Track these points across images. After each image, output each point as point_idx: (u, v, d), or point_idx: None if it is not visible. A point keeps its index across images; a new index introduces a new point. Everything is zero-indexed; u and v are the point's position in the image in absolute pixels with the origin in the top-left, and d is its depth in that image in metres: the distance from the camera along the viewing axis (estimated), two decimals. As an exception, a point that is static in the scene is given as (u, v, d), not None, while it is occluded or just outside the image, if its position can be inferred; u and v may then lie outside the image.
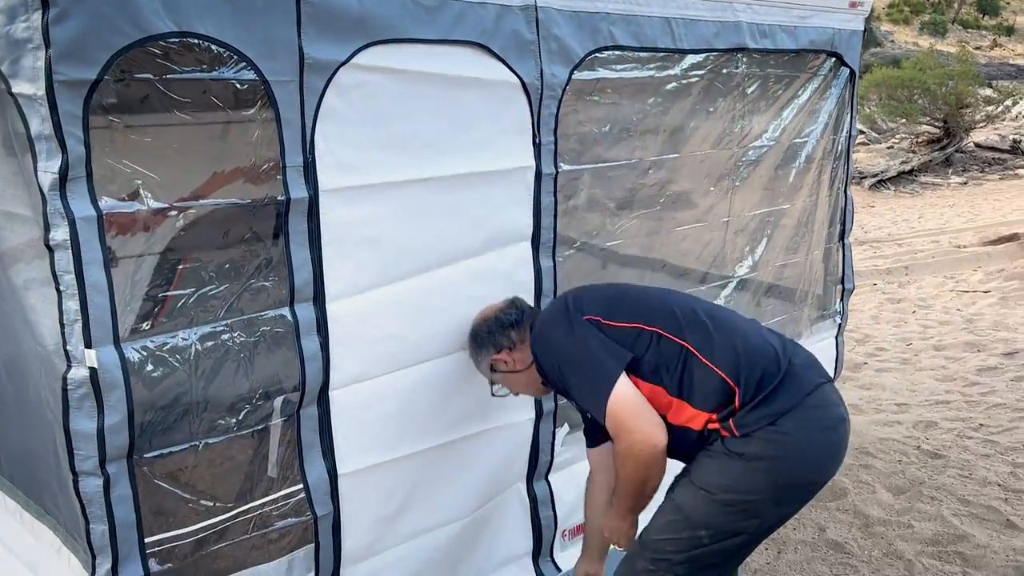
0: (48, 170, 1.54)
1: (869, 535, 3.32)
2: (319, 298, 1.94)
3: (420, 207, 2.12)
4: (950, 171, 15.71)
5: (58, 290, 1.60)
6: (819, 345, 4.11)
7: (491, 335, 2.17)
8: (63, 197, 1.55)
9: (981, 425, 4.38)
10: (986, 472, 3.81)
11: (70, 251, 1.57)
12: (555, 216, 2.42)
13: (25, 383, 1.97)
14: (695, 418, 1.95)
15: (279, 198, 1.82)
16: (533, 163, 2.35)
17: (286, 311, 1.89)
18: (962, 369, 5.31)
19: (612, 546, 2.24)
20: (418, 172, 2.10)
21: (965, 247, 8.98)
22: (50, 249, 1.58)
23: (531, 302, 2.45)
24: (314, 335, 1.93)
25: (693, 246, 3.12)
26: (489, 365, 2.18)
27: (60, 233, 1.56)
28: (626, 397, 1.89)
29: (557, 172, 2.41)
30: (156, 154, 1.67)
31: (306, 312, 1.92)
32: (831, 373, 4.26)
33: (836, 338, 4.31)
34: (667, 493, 2.06)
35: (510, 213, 2.34)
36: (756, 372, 1.94)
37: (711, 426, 1.94)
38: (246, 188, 1.79)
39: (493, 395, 2.24)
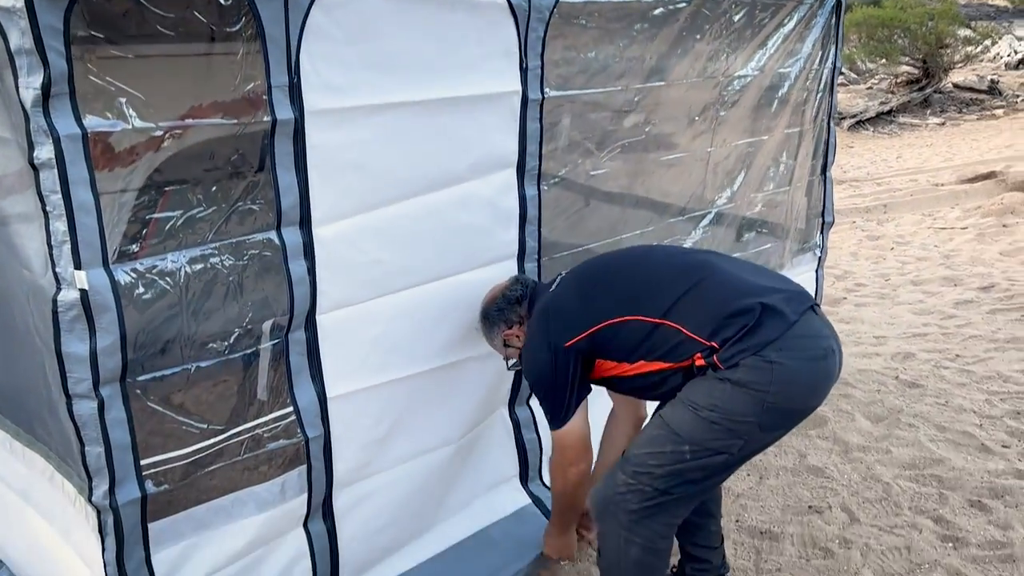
0: (30, 86, 1.50)
1: (848, 460, 3.40)
2: (306, 222, 1.93)
3: (406, 131, 2.10)
4: (928, 112, 15.72)
5: (44, 211, 1.58)
6: (800, 278, 4.14)
7: (501, 312, 2.26)
8: (46, 114, 1.52)
9: (957, 356, 4.47)
10: (962, 400, 3.89)
11: (55, 170, 1.54)
12: (540, 143, 2.40)
13: (11, 312, 1.96)
14: (676, 368, 2.02)
15: (265, 119, 1.80)
16: (520, 88, 2.33)
17: (273, 235, 1.88)
18: (939, 303, 5.38)
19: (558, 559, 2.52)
20: (404, 95, 2.07)
21: (943, 185, 9.04)
22: (35, 168, 1.55)
23: (515, 230, 2.46)
24: (301, 259, 1.93)
25: (677, 178, 3.12)
26: (502, 341, 2.28)
27: (45, 152, 1.53)
28: (573, 434, 2.14)
29: (543, 98, 2.39)
30: (140, 73, 1.63)
31: (293, 236, 1.91)
32: (811, 306, 4.34)
33: (816, 271, 4.36)
34: (654, 413, 2.10)
35: (496, 139, 2.33)
36: (734, 319, 1.96)
37: (698, 363, 1.98)
38: (232, 109, 1.76)
39: (509, 368, 2.37)
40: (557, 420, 2.13)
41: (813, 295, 4.29)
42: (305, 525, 2.12)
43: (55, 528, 2.09)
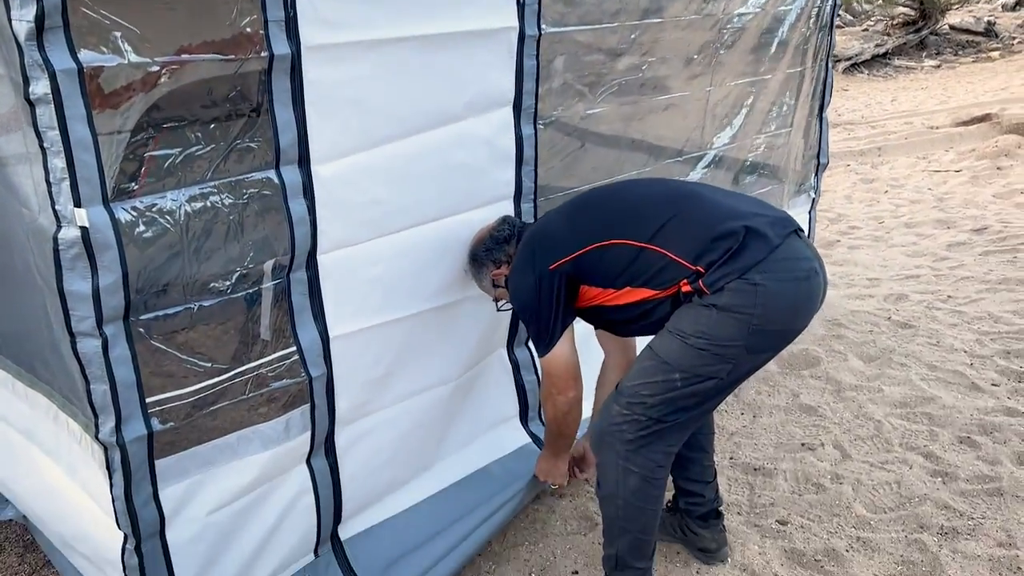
0: (23, 19, 1.47)
1: (841, 399, 3.45)
2: (304, 161, 1.91)
3: (402, 68, 2.07)
4: (924, 54, 15.57)
5: (42, 147, 1.56)
6: (795, 221, 4.16)
7: (489, 252, 2.27)
8: (41, 48, 1.49)
9: (949, 297, 4.51)
10: (953, 340, 3.94)
11: (52, 105, 1.52)
12: (537, 81, 2.38)
13: (9, 253, 1.95)
14: (662, 296, 2.04)
15: (262, 55, 1.77)
16: (517, 24, 2.30)
17: (272, 173, 1.87)
18: (932, 245, 5.41)
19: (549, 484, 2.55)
20: (400, 30, 2.04)
21: (938, 128, 9.00)
22: (31, 104, 1.53)
23: (512, 170, 2.44)
24: (301, 198, 1.92)
25: (674, 119, 3.10)
26: (491, 281, 2.29)
27: (40, 87, 1.51)
28: (561, 358, 2.15)
29: (540, 34, 2.35)
30: (134, 6, 1.59)
31: (292, 175, 1.90)
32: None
33: (809, 212, 4.37)
34: (646, 346, 2.12)
35: (492, 76, 2.30)
36: (718, 243, 1.97)
37: (684, 289, 2.00)
38: (229, 46, 1.73)
39: (499, 310, 2.37)
40: (543, 345, 2.15)
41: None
42: (308, 462, 2.14)
43: (61, 466, 2.11)
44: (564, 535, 2.65)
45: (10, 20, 1.48)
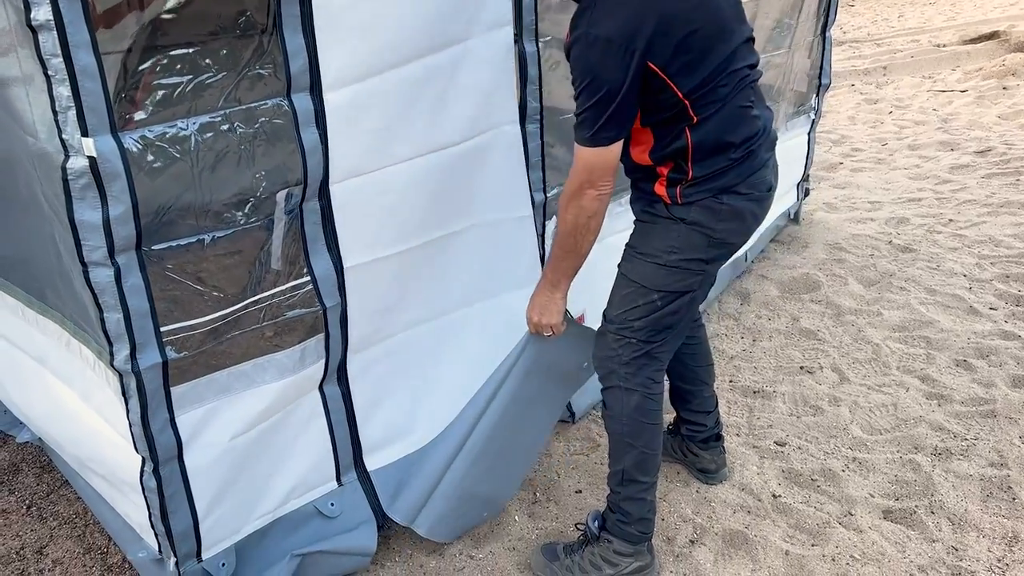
0: (22, -58, 1.43)
1: (840, 323, 3.49)
2: (316, 87, 1.88)
3: None
4: (933, -32, 15.17)
5: (47, 75, 1.53)
6: (792, 142, 4.14)
7: None
8: (41, -29, 1.45)
9: (951, 220, 4.51)
10: (953, 264, 3.96)
11: (55, 32, 1.49)
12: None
13: (13, 178, 1.94)
14: (644, 155, 2.02)
15: (269, -23, 1.73)
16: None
17: (283, 101, 1.85)
18: (935, 168, 5.39)
19: (542, 332, 2.20)
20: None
21: (945, 46, 8.85)
22: (33, 30, 1.50)
23: (514, 91, 2.40)
24: (313, 126, 1.89)
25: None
26: None
27: (42, 12, 1.47)
28: (611, 158, 1.91)
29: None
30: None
31: (304, 102, 1.87)
32: (802, 171, 4.34)
33: (808, 134, 4.34)
34: (617, 274, 2.17)
35: None
36: (719, 158, 1.98)
37: (657, 187, 2.02)
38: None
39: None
40: (600, 137, 1.87)
41: (804, 159, 4.32)
42: (320, 388, 2.18)
43: (75, 391, 2.14)
44: (567, 455, 2.72)
45: (9, -58, 1.44)
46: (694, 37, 1.87)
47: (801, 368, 3.17)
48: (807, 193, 4.48)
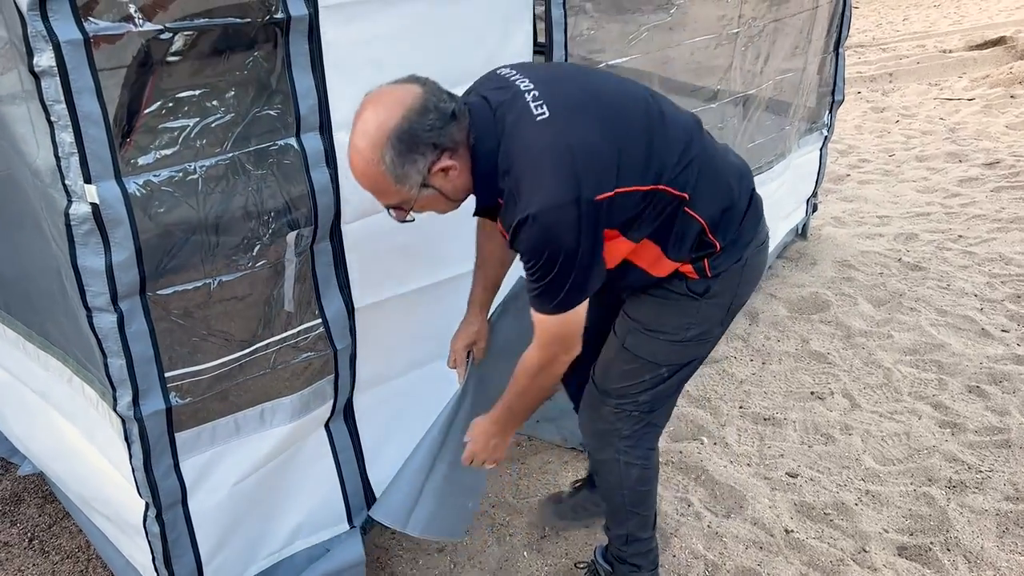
0: (25, -13, 1.39)
1: (850, 346, 3.45)
2: (326, 127, 1.84)
3: (421, 23, 1.98)
4: (937, -31, 15.11)
5: (49, 121, 1.49)
6: (804, 159, 4.10)
7: (434, 131, 1.55)
8: (44, 17, 1.41)
9: (960, 236, 4.47)
10: (963, 283, 3.92)
11: (58, 78, 1.45)
12: (565, 31, 2.28)
13: (20, 210, 1.90)
14: (660, 264, 1.81)
15: (278, 16, 1.69)
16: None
17: (293, 140, 1.80)
18: (943, 180, 5.34)
19: (481, 465, 2.02)
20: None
21: (951, 52, 8.79)
22: (36, 76, 1.46)
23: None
24: (323, 166, 1.85)
25: (702, 58, 3.00)
26: (422, 178, 1.60)
27: (45, 59, 1.43)
28: (579, 317, 1.70)
29: (565, -21, 2.26)
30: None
31: (313, 142, 1.83)
32: (812, 187, 4.30)
33: (820, 150, 4.30)
34: (614, 341, 1.97)
35: (512, 28, 2.21)
36: (733, 214, 1.81)
37: (681, 269, 1.82)
38: (244, 8, 1.64)
39: (404, 221, 1.70)
40: (568, 302, 1.64)
41: (815, 176, 4.28)
42: (327, 425, 2.14)
43: (79, 428, 2.10)
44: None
45: (11, -13, 1.40)
46: (629, 155, 1.64)
47: (812, 394, 3.13)
48: (815, 208, 4.44)
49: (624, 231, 1.71)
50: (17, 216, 1.94)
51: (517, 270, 1.92)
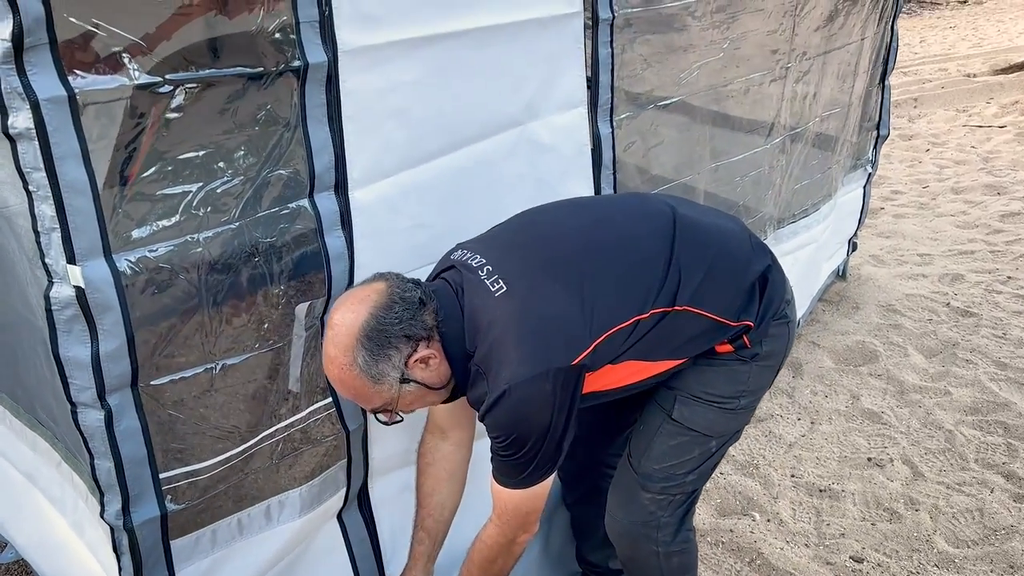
0: (-3, 36, 1.16)
1: (905, 403, 3.19)
2: (341, 186, 1.61)
3: (451, 69, 1.75)
4: (949, -11, 14.98)
5: (27, 190, 1.26)
6: (847, 197, 3.87)
7: (403, 324, 1.49)
8: (21, 72, 1.18)
9: (1009, 278, 4.21)
10: (1020, 332, 3.66)
11: (36, 142, 1.22)
12: (613, 72, 2.05)
13: (7, 282, 1.67)
14: (690, 360, 1.73)
15: (294, 64, 1.46)
16: (580, 9, 1.97)
17: (306, 202, 1.57)
18: (984, 215, 5.09)
19: None
20: (448, 24, 1.72)
21: (975, 76, 8.56)
22: (11, 140, 1.23)
23: (586, 180, 2.11)
24: (339, 230, 1.62)
25: (754, 95, 2.78)
26: (401, 373, 1.51)
27: (22, 119, 1.20)
28: (544, 492, 1.62)
29: (614, 16, 2.03)
30: (140, 13, 1.28)
31: (328, 203, 1.60)
32: (855, 225, 4.06)
33: (864, 187, 4.07)
34: (655, 417, 1.78)
35: (556, 71, 1.98)
36: (753, 290, 1.70)
37: (719, 349, 1.71)
38: (256, 56, 1.41)
39: (390, 423, 1.61)
40: (536, 477, 1.57)
41: (858, 214, 4.04)
42: (339, 516, 1.90)
43: (66, 519, 1.86)
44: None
45: (-21, 37, 1.17)
46: (601, 301, 1.57)
47: (869, 460, 2.87)
48: (855, 248, 4.19)
49: (636, 357, 1.63)
50: (3, 285, 1.71)
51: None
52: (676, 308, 1.61)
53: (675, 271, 1.62)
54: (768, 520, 2.59)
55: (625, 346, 1.60)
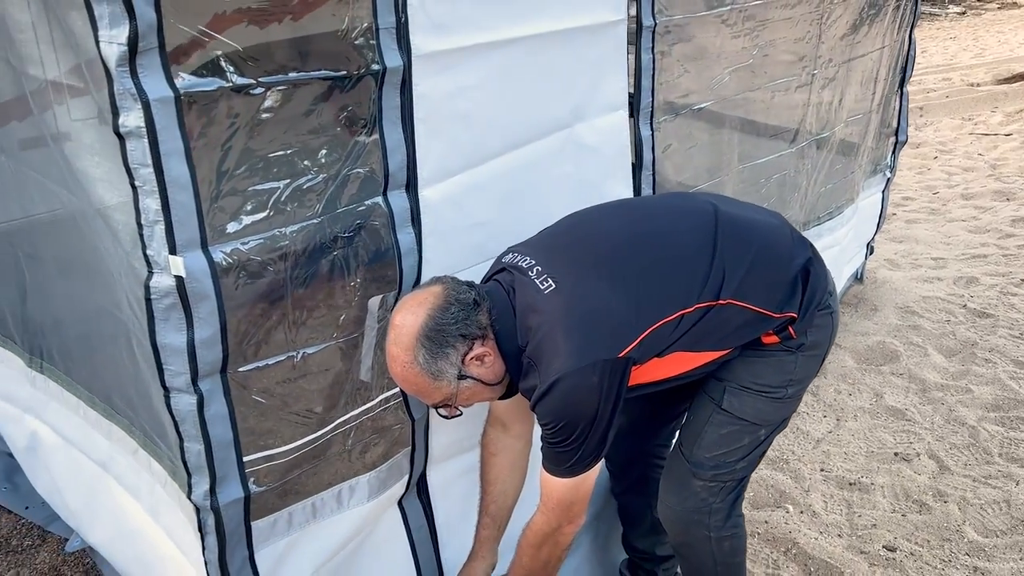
0: (114, 40, 1.24)
1: (928, 400, 3.27)
2: (412, 184, 1.70)
3: (509, 73, 1.85)
4: (948, 0, 15.14)
5: (133, 185, 1.34)
6: (867, 202, 3.95)
7: (459, 324, 1.58)
8: (134, 74, 1.27)
9: (1023, 281, 4.30)
10: (1036, 332, 3.74)
11: (145, 139, 1.30)
12: (654, 76, 2.14)
13: (81, 259, 1.75)
14: (735, 351, 1.80)
15: (374, 67, 1.55)
16: (624, 16, 2.06)
17: (380, 200, 1.66)
18: (994, 220, 5.18)
19: None
20: (508, 31, 1.81)
21: (979, 86, 8.68)
22: (121, 137, 1.31)
23: (627, 180, 2.20)
24: (409, 227, 1.71)
25: (781, 101, 2.87)
26: (458, 370, 1.60)
27: (132, 118, 1.29)
28: (589, 484, 1.69)
29: (656, 24, 2.12)
30: (235, 20, 1.37)
31: (400, 201, 1.69)
32: (874, 229, 4.15)
33: (883, 192, 4.16)
34: (705, 407, 1.86)
35: (601, 75, 2.07)
36: (796, 282, 1.77)
37: (765, 340, 1.78)
38: (339, 60, 1.50)
39: (449, 417, 1.70)
40: (583, 464, 1.64)
41: (876, 219, 4.13)
42: (400, 503, 1.98)
43: (142, 505, 1.94)
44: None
45: (98, 42, 1.26)
46: (647, 295, 1.65)
47: (896, 455, 2.94)
48: (872, 251, 4.28)
49: (682, 348, 1.70)
50: (78, 265, 1.80)
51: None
52: (720, 302, 1.69)
53: (719, 266, 1.70)
54: (801, 512, 2.66)
55: (671, 339, 1.68)
